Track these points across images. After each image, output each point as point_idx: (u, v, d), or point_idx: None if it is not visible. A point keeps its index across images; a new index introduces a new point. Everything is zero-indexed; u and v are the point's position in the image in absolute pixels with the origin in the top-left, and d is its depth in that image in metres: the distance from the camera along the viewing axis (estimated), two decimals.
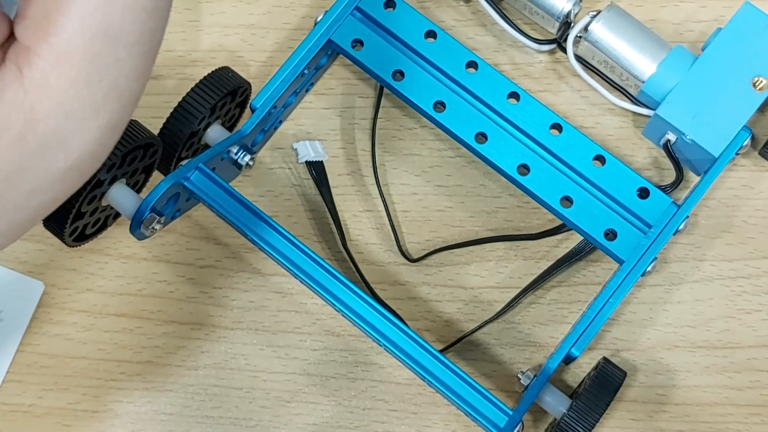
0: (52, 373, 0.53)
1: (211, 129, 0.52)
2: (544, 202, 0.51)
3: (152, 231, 0.48)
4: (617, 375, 0.48)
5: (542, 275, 0.53)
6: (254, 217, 0.48)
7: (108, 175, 0.47)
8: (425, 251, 0.54)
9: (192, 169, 0.48)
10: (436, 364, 0.47)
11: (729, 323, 0.53)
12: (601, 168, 0.51)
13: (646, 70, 0.52)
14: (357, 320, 0.47)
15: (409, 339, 0.47)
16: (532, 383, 0.48)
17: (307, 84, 0.55)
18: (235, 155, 0.51)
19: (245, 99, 0.53)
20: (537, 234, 0.53)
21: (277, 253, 0.48)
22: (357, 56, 0.52)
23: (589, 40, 0.53)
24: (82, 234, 0.49)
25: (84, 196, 0.46)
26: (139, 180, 0.51)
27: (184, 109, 0.49)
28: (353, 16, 0.53)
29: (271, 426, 0.52)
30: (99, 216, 0.49)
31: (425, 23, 0.53)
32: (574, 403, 0.47)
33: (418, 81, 0.52)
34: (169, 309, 0.54)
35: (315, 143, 0.55)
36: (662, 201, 0.50)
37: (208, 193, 0.48)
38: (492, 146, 0.51)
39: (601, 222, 0.50)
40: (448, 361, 0.47)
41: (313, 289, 0.48)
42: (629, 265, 0.49)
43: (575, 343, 0.48)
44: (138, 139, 0.47)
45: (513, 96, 0.52)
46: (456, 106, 0.52)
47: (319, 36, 0.52)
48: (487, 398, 0.46)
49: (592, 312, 0.48)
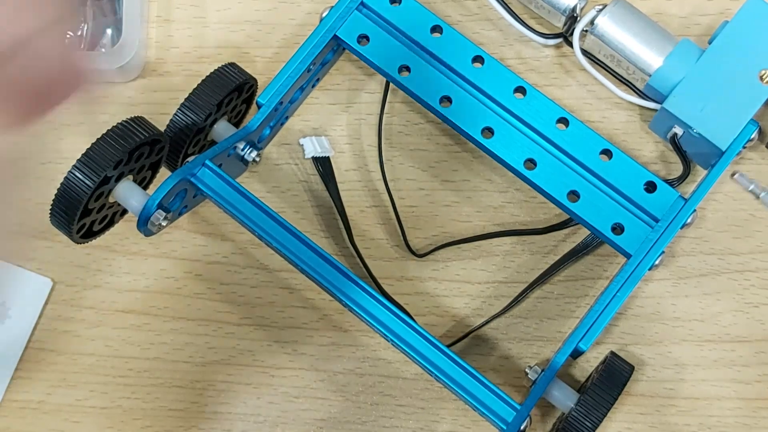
0: (61, 370, 0.53)
1: (218, 125, 0.52)
2: (551, 196, 0.51)
3: (159, 227, 0.48)
4: (625, 369, 0.48)
5: (549, 270, 0.53)
6: (261, 213, 0.48)
7: (115, 171, 0.47)
8: (432, 246, 0.54)
9: (199, 165, 0.48)
10: (444, 359, 0.47)
11: (737, 317, 0.52)
12: (608, 162, 0.51)
13: (652, 63, 0.52)
14: (365, 316, 0.47)
15: (416, 334, 0.47)
16: (539, 378, 0.48)
17: (313, 80, 0.55)
18: (242, 151, 0.51)
19: (251, 95, 0.53)
20: (544, 228, 0.53)
21: (284, 248, 0.48)
22: (363, 52, 0.52)
23: (595, 34, 0.52)
24: (89, 231, 0.49)
25: (92, 193, 0.46)
26: (146, 177, 0.51)
27: (191, 105, 0.49)
28: (359, 11, 0.53)
29: (279, 422, 0.52)
30: (106, 213, 0.49)
31: (431, 18, 0.53)
32: (581, 397, 0.47)
33: (424, 76, 0.52)
34: (177, 305, 0.54)
35: (321, 139, 0.55)
36: (669, 195, 0.50)
37: (215, 189, 0.48)
38: (498, 141, 0.51)
39: (608, 216, 0.50)
40: (456, 356, 0.47)
41: (321, 284, 0.48)
42: (637, 259, 0.49)
43: (583, 338, 0.48)
44: (145, 135, 0.47)
45: (519, 90, 0.52)
46: (462, 101, 0.52)
47: (325, 32, 0.52)
48: (495, 393, 0.46)
49: (600, 306, 0.48)
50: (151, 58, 0.57)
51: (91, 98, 0.56)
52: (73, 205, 0.46)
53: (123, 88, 0.56)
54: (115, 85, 0.56)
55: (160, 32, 0.57)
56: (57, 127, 0.56)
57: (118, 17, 0.56)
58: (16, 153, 0.56)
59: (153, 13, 0.57)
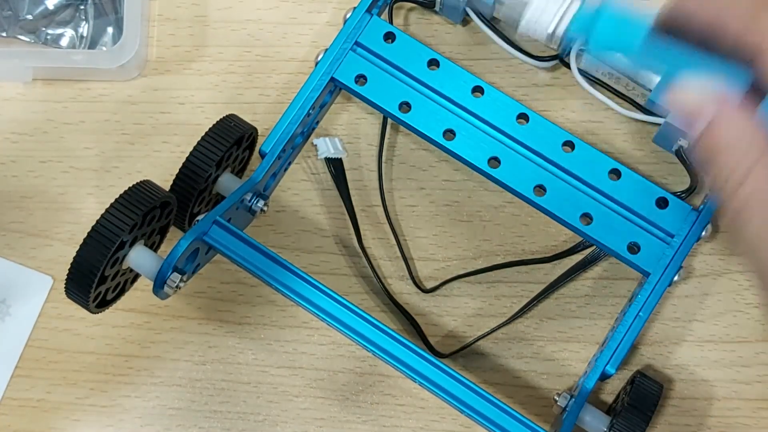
0: (61, 368, 0.53)
1: (222, 177, 0.51)
2: (563, 221, 0.50)
3: (176, 290, 0.47)
4: (654, 389, 0.48)
5: (556, 281, 0.53)
6: (274, 264, 0.47)
7: (129, 236, 0.46)
8: (439, 279, 0.53)
9: (209, 224, 0.48)
10: (477, 398, 0.46)
11: (737, 317, 0.53)
12: (618, 181, 0.50)
13: (652, 78, 0.51)
14: (386, 357, 0.46)
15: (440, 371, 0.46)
16: (570, 405, 0.47)
17: (313, 123, 0.54)
18: (249, 202, 0.51)
19: (252, 142, 0.53)
20: (551, 257, 0.53)
21: (300, 298, 0.47)
22: (361, 92, 0.52)
23: (591, 53, 0.52)
24: (103, 299, 0.49)
25: (108, 260, 0.45)
26: (155, 241, 0.50)
27: (191, 166, 0.49)
28: (354, 51, 0.52)
29: (279, 420, 0.52)
30: (119, 280, 0.49)
31: (427, 52, 0.52)
32: (614, 421, 0.47)
33: (425, 111, 0.51)
34: (177, 304, 0.54)
35: (335, 140, 0.54)
36: (682, 209, 0.50)
37: (227, 246, 0.48)
38: (506, 169, 0.51)
39: (623, 236, 0.50)
40: (487, 394, 0.46)
41: (342, 331, 0.47)
42: (656, 277, 0.49)
43: (609, 361, 0.48)
44: (156, 198, 0.46)
45: (522, 117, 0.51)
46: (466, 133, 0.51)
47: (322, 75, 0.52)
48: (527, 426, 0.46)
49: (624, 328, 0.48)
50: (152, 57, 0.57)
51: (91, 97, 0.57)
52: (91, 272, 0.45)
53: (123, 87, 0.56)
54: (115, 83, 0.56)
55: (161, 31, 0.57)
56: (57, 126, 0.56)
57: (119, 16, 0.56)
58: (16, 152, 0.56)
59: (154, 11, 0.57)
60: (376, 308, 0.53)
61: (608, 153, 0.52)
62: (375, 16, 0.53)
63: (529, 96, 0.55)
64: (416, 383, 0.46)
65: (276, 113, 0.52)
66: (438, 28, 0.56)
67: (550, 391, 0.52)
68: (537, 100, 0.55)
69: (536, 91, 0.55)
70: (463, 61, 0.56)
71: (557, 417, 0.49)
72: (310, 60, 0.54)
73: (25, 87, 0.56)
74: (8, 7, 0.56)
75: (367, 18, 0.52)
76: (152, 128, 0.56)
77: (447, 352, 0.52)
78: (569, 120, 0.55)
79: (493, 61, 0.56)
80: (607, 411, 0.49)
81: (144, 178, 0.47)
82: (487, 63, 0.56)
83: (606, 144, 0.55)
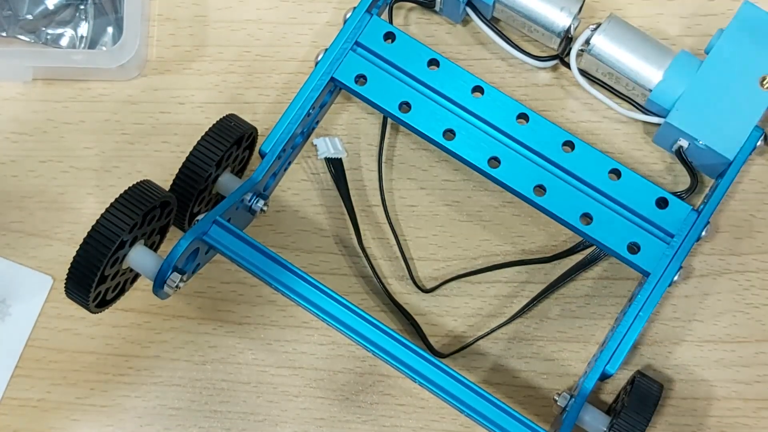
0: (61, 368, 0.53)
1: (222, 177, 0.51)
2: (563, 220, 0.50)
3: (176, 289, 0.47)
4: (654, 389, 0.48)
5: (556, 281, 0.53)
6: (274, 264, 0.48)
7: (130, 236, 0.46)
8: (440, 278, 0.53)
9: (209, 224, 0.48)
10: (476, 398, 0.46)
11: (737, 317, 0.53)
12: (618, 181, 0.50)
13: (652, 78, 0.51)
14: (387, 357, 0.46)
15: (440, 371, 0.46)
16: (570, 405, 0.47)
17: (313, 123, 0.54)
18: (249, 202, 0.51)
19: (252, 141, 0.53)
20: (550, 257, 0.53)
21: (300, 298, 0.47)
22: (361, 91, 0.52)
23: (591, 53, 0.52)
24: (103, 299, 0.49)
25: (108, 259, 0.45)
26: (155, 241, 0.50)
27: (193, 165, 0.49)
28: (354, 51, 0.52)
29: (279, 420, 0.52)
30: (119, 280, 0.49)
31: (427, 52, 0.52)
32: (614, 421, 0.47)
33: (425, 111, 0.51)
34: (177, 304, 0.54)
35: (335, 140, 0.54)
36: (682, 209, 0.50)
37: (227, 246, 0.48)
38: (506, 169, 0.51)
39: (623, 236, 0.50)
40: (487, 394, 0.46)
41: (342, 331, 0.47)
42: (656, 277, 0.49)
43: (609, 361, 0.48)
44: (156, 198, 0.46)
45: (522, 117, 0.51)
46: (466, 133, 0.51)
47: (322, 75, 0.51)
48: (527, 426, 0.46)
49: (623, 328, 0.48)
50: (152, 57, 0.57)
51: (91, 97, 0.57)
52: (91, 272, 0.45)
53: (123, 87, 0.56)
54: (115, 83, 0.56)
55: (161, 31, 0.57)
56: (57, 126, 0.56)
57: (119, 16, 0.56)
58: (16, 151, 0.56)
59: (154, 11, 0.57)
60: (376, 308, 0.53)
61: (608, 153, 0.52)
62: (375, 16, 0.53)
63: (529, 96, 0.55)
64: (416, 383, 0.47)
65: (276, 113, 0.52)
66: (438, 28, 0.56)
67: (550, 391, 0.52)
68: (537, 100, 0.55)
69: (536, 91, 0.55)
70: (463, 61, 0.56)
71: (557, 417, 0.49)
72: (310, 60, 0.54)
73: (25, 87, 0.56)
74: (8, 7, 0.57)
75: (367, 18, 0.52)
76: (152, 128, 0.56)
77: (447, 352, 0.52)
78: (569, 120, 0.55)
79: (493, 61, 0.56)
80: (607, 411, 0.49)
81: (144, 178, 0.47)
82: (487, 63, 0.56)
83: (606, 144, 0.55)
